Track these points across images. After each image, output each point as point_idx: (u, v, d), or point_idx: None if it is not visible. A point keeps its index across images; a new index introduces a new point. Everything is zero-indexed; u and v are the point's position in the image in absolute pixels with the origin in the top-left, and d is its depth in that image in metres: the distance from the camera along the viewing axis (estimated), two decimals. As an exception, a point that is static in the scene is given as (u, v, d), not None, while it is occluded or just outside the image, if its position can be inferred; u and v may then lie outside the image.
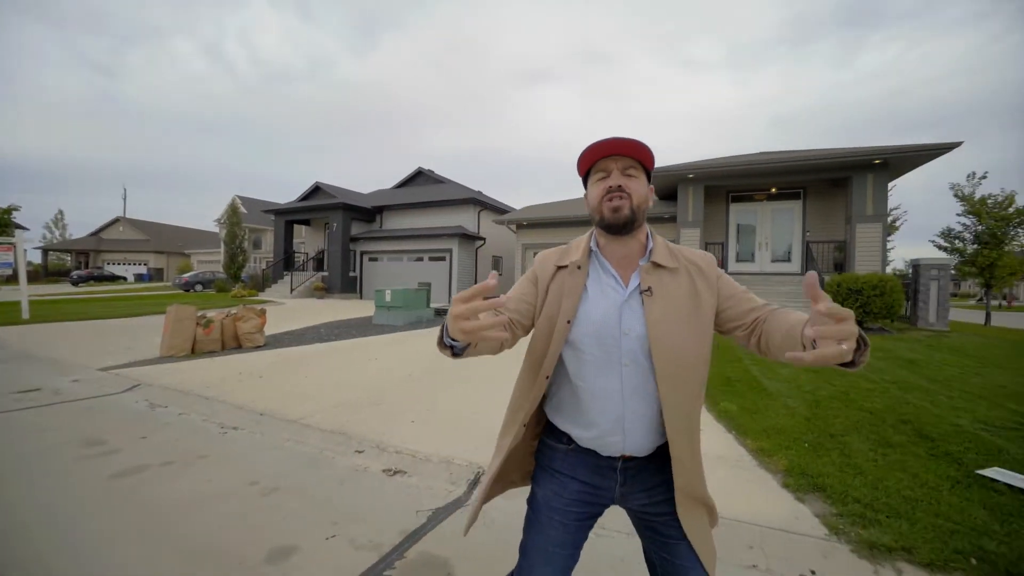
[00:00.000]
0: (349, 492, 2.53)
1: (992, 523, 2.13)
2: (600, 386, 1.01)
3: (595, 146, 1.02)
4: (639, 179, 1.03)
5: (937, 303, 9.50)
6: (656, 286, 1.02)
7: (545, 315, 1.06)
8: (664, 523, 1.05)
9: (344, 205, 19.08)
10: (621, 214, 1.01)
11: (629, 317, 1.00)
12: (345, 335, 8.35)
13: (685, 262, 1.07)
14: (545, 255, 1.14)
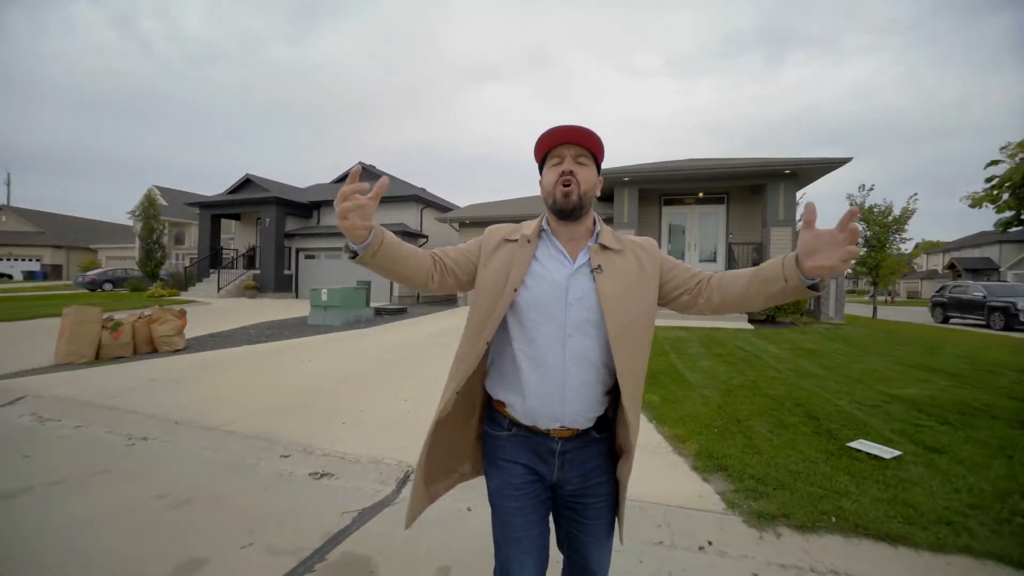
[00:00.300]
0: (271, 498, 2.45)
1: (851, 486, 2.49)
2: (543, 354, 1.05)
3: (552, 132, 1.08)
4: (589, 168, 1.10)
5: (835, 299, 10.73)
6: (605, 264, 1.08)
7: (490, 281, 1.10)
8: (590, 504, 1.13)
9: (278, 199, 18.02)
10: (571, 199, 1.07)
11: (576, 289, 1.06)
12: (277, 336, 7.93)
13: (630, 245, 1.15)
14: (495, 227, 1.20)
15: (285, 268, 18.77)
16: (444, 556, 1.96)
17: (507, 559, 1.11)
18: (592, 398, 1.08)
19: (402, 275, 1.06)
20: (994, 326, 12.43)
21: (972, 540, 2.02)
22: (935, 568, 1.90)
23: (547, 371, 1.05)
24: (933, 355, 6.66)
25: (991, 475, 2.63)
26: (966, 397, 4.27)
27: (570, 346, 1.05)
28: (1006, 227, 2.97)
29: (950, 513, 2.22)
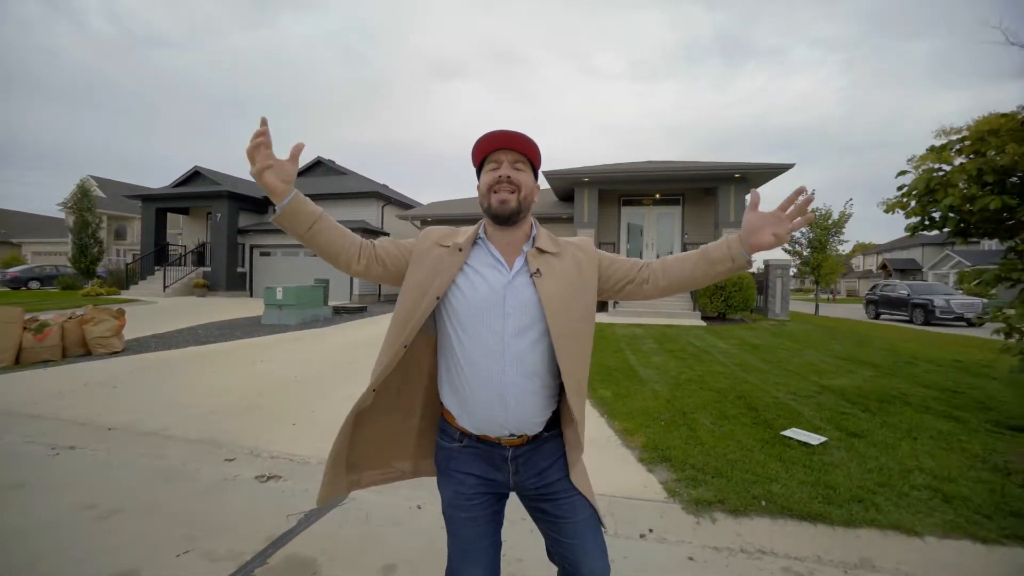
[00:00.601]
0: (213, 504, 2.36)
1: (781, 472, 2.69)
2: (481, 361, 1.04)
3: (488, 137, 1.09)
4: (527, 173, 1.10)
5: (781, 297, 11.40)
6: (544, 268, 1.08)
7: (415, 284, 1.09)
8: (554, 504, 1.12)
9: (230, 193, 17.15)
10: (508, 206, 1.06)
11: (513, 296, 1.05)
12: (228, 336, 7.58)
13: (567, 247, 1.15)
14: (429, 230, 1.19)
15: (238, 265, 17.90)
16: (391, 554, 1.96)
17: (457, 571, 1.10)
18: (535, 404, 1.07)
19: (325, 248, 1.08)
20: (916, 321, 13.61)
21: (878, 514, 2.23)
22: (846, 541, 2.08)
23: (486, 379, 1.04)
24: (862, 348, 7.23)
25: (898, 455, 2.91)
26: (886, 386, 4.67)
27: (509, 354, 1.04)
28: (914, 231, 3.26)
29: (862, 491, 2.45)
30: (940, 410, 3.88)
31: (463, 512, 1.10)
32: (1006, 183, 2.75)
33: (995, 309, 2.99)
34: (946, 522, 2.17)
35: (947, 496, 2.39)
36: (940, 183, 3.02)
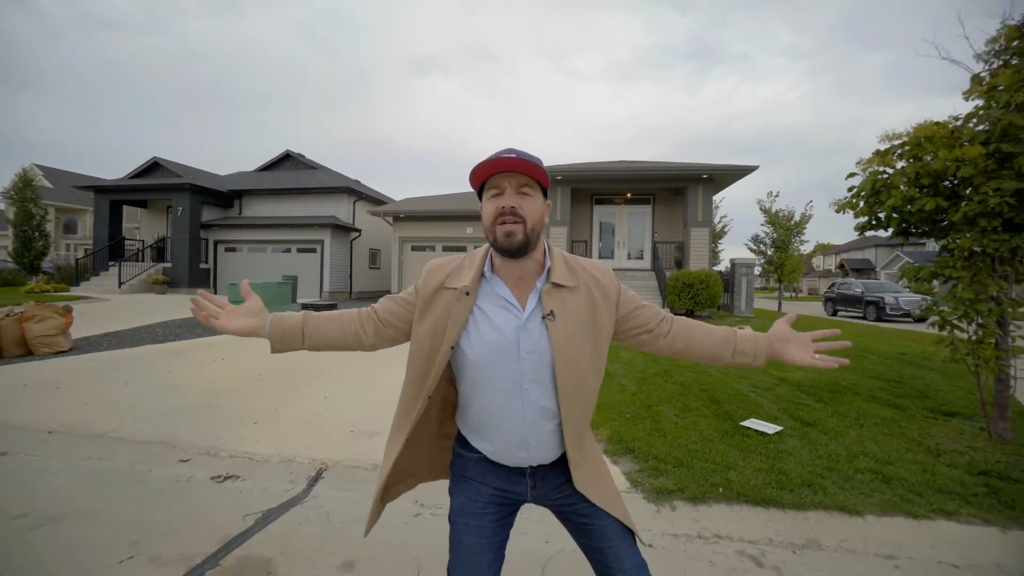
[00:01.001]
0: (163, 506, 2.27)
1: (738, 460, 2.79)
2: (499, 407, 1.02)
3: (488, 163, 0.97)
4: (534, 197, 0.99)
5: (746, 295, 11.82)
6: (558, 308, 1.00)
7: (425, 335, 1.05)
8: (576, 512, 1.09)
9: (193, 186, 16.41)
10: (515, 239, 0.96)
11: (527, 341, 0.99)
12: (189, 334, 7.27)
13: (584, 278, 1.05)
14: (434, 268, 1.10)
15: (202, 261, 17.17)
16: (351, 551, 1.93)
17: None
18: (556, 441, 1.06)
19: (330, 345, 1.10)
20: (868, 317, 14.38)
21: (825, 497, 2.35)
22: (796, 523, 2.19)
23: (508, 423, 1.02)
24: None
25: (846, 441, 3.07)
26: (838, 378, 4.92)
27: (528, 398, 1.01)
28: (862, 230, 3.44)
29: (812, 476, 2.57)
30: (885, 399, 4.13)
31: (472, 520, 1.07)
32: (939, 186, 2.94)
33: (931, 303, 3.19)
34: (884, 501, 2.31)
35: (886, 477, 2.54)
36: (884, 185, 3.20)
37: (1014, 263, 2.83)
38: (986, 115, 2.75)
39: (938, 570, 1.88)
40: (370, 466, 2.69)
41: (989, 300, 2.89)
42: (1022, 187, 2.55)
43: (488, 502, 1.08)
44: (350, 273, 17.58)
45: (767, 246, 17.14)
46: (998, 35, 2.85)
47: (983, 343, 2.96)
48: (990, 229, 2.74)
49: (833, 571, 1.88)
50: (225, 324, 1.05)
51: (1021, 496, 2.34)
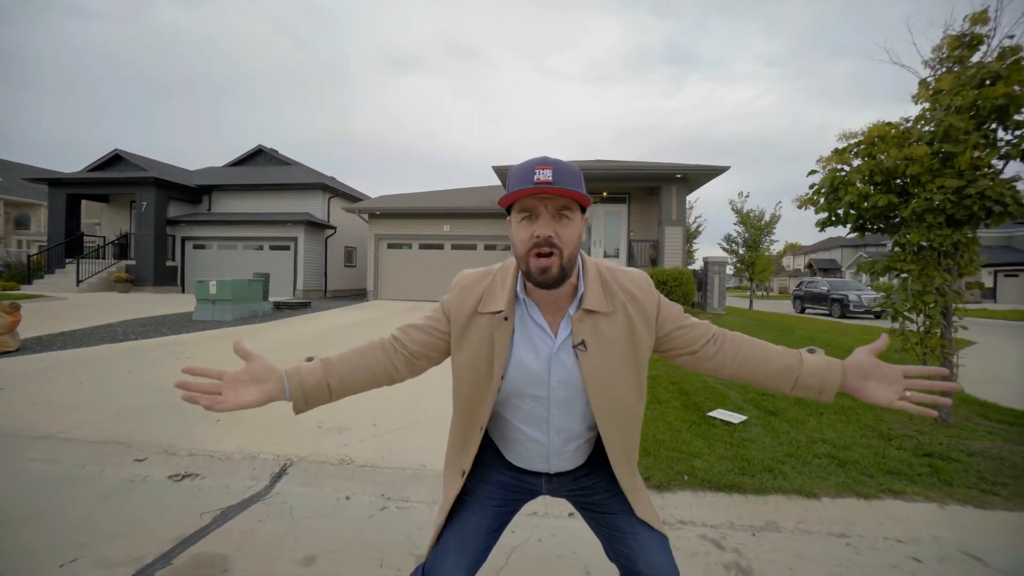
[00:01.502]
0: (115, 507, 2.17)
1: (704, 449, 2.86)
2: (525, 431, 1.02)
3: (523, 180, 0.86)
4: (574, 221, 0.89)
5: (719, 293, 12.12)
6: (591, 337, 0.94)
7: (470, 364, 0.99)
8: (598, 502, 1.07)
9: (158, 180, 15.77)
10: (550, 274, 0.87)
11: (559, 370, 0.96)
12: (153, 333, 6.99)
13: (621, 299, 0.97)
14: (466, 288, 1.02)
15: (168, 259, 16.53)
16: (313, 546, 1.89)
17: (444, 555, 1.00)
18: (579, 454, 1.06)
19: (365, 388, 1.02)
20: (833, 314, 14.99)
21: (784, 481, 2.43)
22: (756, 507, 2.25)
23: (530, 442, 1.03)
24: (785, 337, 7.85)
25: (806, 429, 3.19)
26: (802, 370, 5.10)
27: (554, 423, 1.00)
28: (823, 226, 3.57)
29: (772, 462, 2.65)
30: (844, 389, 4.30)
31: (476, 502, 1.06)
32: (891, 183, 3.09)
33: (885, 297, 3.35)
34: (839, 483, 2.40)
35: (841, 461, 2.65)
36: (842, 182, 3.34)
37: (956, 257, 2.99)
38: (931, 117, 2.90)
39: (884, 545, 1.98)
40: (337, 461, 2.64)
41: (935, 292, 3.05)
42: (962, 185, 2.70)
43: (498, 486, 1.07)
44: (325, 271, 17.23)
45: (739, 245, 17.65)
46: (941, 43, 3.01)
47: (930, 333, 3.12)
48: (935, 225, 2.89)
49: (789, 551, 1.95)
50: (234, 401, 0.90)
51: (958, 474, 2.48)
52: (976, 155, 2.75)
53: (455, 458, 1.09)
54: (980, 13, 2.80)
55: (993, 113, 2.61)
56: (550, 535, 2.06)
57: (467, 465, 1.04)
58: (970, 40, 2.87)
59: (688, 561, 1.86)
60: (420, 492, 2.35)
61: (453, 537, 1.02)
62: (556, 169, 0.85)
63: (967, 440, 2.96)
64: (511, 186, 0.89)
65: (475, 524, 1.03)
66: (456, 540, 1.01)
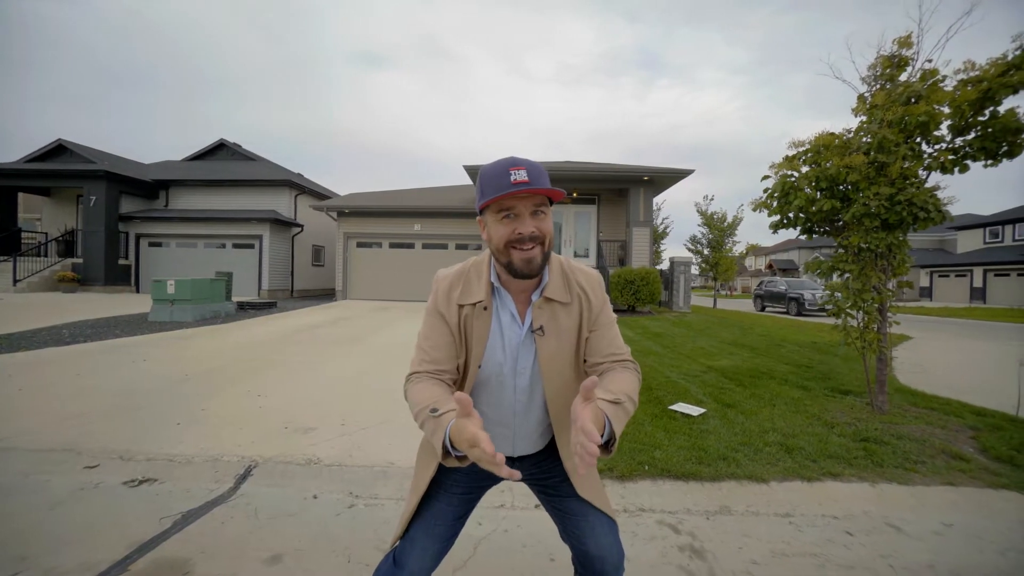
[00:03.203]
0: (63, 516, 2.08)
1: (664, 440, 3.00)
2: (493, 415, 1.07)
3: (501, 180, 0.92)
4: (548, 215, 0.98)
5: (684, 291, 12.55)
6: (548, 323, 1.01)
7: (452, 355, 1.05)
8: (554, 484, 1.12)
9: (109, 174, 14.90)
10: (535, 265, 0.96)
11: (525, 356, 1.03)
12: (104, 335, 6.61)
13: (577, 292, 1.05)
14: (448, 286, 1.06)
15: (121, 257, 15.63)
16: (278, 545, 1.88)
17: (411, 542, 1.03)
18: (540, 436, 1.11)
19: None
20: (791, 312, 15.80)
21: (737, 468, 2.59)
22: (711, 493, 2.39)
23: (498, 427, 1.07)
24: (745, 335, 8.23)
25: (759, 420, 3.39)
26: (758, 365, 5.39)
27: (519, 408, 1.06)
28: (776, 228, 3.80)
29: (727, 451, 2.81)
30: (795, 382, 4.58)
31: (441, 489, 1.08)
32: (835, 189, 3.33)
33: (830, 295, 3.60)
34: (786, 468, 2.58)
35: (789, 448, 2.84)
36: (792, 187, 3.56)
37: (890, 258, 3.25)
38: (868, 129, 3.14)
39: (822, 522, 2.15)
40: (304, 461, 2.61)
41: (872, 290, 3.30)
42: (894, 192, 2.95)
43: (464, 474, 1.10)
44: (291, 270, 16.74)
45: (703, 246, 18.32)
46: (876, 62, 3.27)
47: (868, 328, 3.38)
48: (872, 228, 3.13)
49: (739, 532, 2.08)
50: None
51: (887, 455, 2.72)
52: (905, 165, 3.01)
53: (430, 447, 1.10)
54: (906, 37, 3.07)
55: (917, 128, 2.87)
56: (516, 526, 2.12)
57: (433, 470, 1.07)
58: (898, 61, 3.13)
59: (647, 545, 1.97)
60: (389, 489, 2.37)
61: (421, 524, 1.05)
62: (529, 169, 0.92)
63: (897, 425, 3.24)
64: (488, 187, 0.94)
65: (442, 511, 1.07)
66: (423, 527, 1.05)
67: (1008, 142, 2.73)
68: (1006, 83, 2.60)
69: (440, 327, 1.04)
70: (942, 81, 2.98)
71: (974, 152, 2.91)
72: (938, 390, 4.35)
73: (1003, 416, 3.49)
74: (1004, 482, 2.46)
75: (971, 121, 2.85)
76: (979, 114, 2.80)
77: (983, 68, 2.73)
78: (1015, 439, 2.96)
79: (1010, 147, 2.73)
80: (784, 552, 1.92)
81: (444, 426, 0.84)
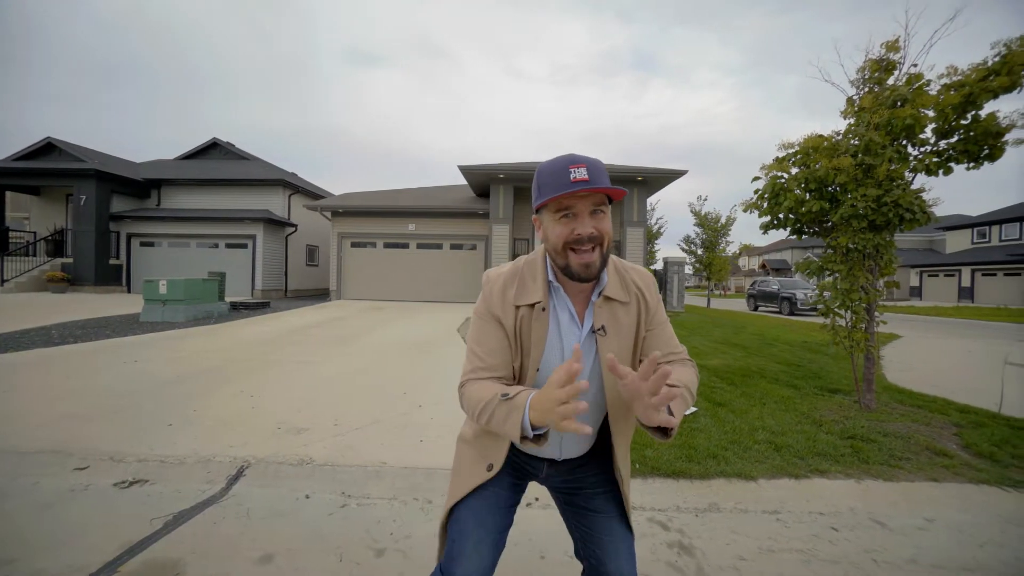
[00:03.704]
0: (51, 519, 2.07)
1: (643, 436, 3.03)
2: None
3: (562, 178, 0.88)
4: (607, 215, 0.94)
5: (677, 290, 12.63)
6: (609, 323, 0.98)
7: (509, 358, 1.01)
8: (585, 496, 1.07)
9: (99, 173, 14.75)
10: (593, 268, 0.92)
11: (584, 357, 0.97)
12: (94, 336, 6.56)
13: (635, 291, 1.03)
14: (499, 289, 1.01)
15: (111, 257, 15.48)
16: (269, 545, 1.89)
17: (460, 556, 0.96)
18: (586, 442, 1.07)
19: None
20: (784, 311, 15.93)
21: (727, 466, 2.63)
22: (700, 491, 2.43)
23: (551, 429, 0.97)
24: (737, 334, 8.30)
25: (749, 418, 3.43)
26: (750, 364, 5.44)
27: None
28: (766, 229, 3.84)
29: (717, 449, 2.85)
30: (785, 380, 4.63)
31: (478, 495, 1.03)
32: (823, 191, 3.38)
33: (819, 294, 3.65)
34: (774, 467, 2.62)
35: (778, 446, 2.88)
36: (782, 188, 3.61)
37: (877, 258, 3.31)
38: (855, 132, 3.19)
39: (809, 519, 2.19)
40: (296, 461, 2.62)
41: (860, 290, 3.36)
42: (880, 194, 3.00)
43: (508, 463, 1.06)
44: (285, 270, 16.65)
45: (697, 246, 18.44)
46: (864, 65, 3.32)
47: (856, 327, 3.43)
48: (859, 229, 3.19)
49: (727, 528, 2.12)
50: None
51: (873, 452, 2.78)
52: (892, 167, 3.06)
53: (483, 451, 1.05)
54: (893, 41, 3.13)
55: (903, 131, 2.93)
56: (508, 524, 2.14)
57: (499, 460, 1.02)
58: (886, 64, 3.19)
59: (636, 543, 1.99)
60: (381, 488, 2.38)
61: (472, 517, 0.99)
62: (590, 167, 0.88)
63: (884, 422, 3.30)
64: (546, 185, 0.91)
65: (494, 498, 1.03)
66: (475, 519, 0.99)
67: (989, 145, 2.79)
68: (987, 88, 2.66)
69: (494, 331, 0.99)
70: (927, 85, 3.04)
71: (957, 155, 2.97)
72: (925, 388, 4.43)
73: (986, 413, 3.57)
74: (984, 477, 2.52)
75: (954, 124, 2.91)
76: (962, 118, 2.86)
77: (965, 73, 2.79)
78: (996, 435, 3.03)
79: (991, 150, 2.79)
80: (771, 548, 1.95)
81: (522, 404, 0.81)
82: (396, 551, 1.87)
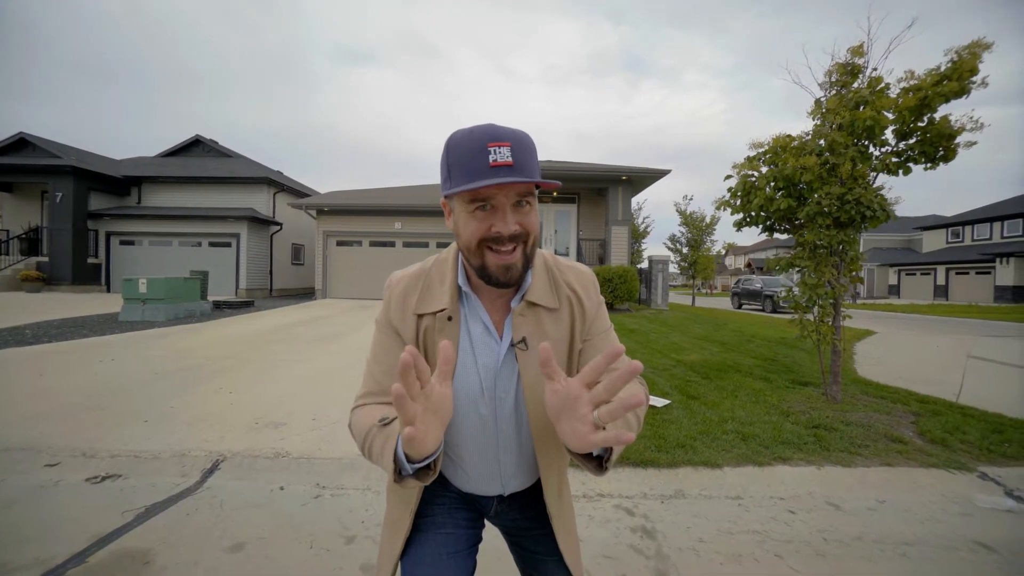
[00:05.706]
0: (19, 514, 2.06)
1: (628, 429, 3.11)
2: (474, 448, 0.85)
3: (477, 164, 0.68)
4: (534, 206, 0.75)
5: (661, 289, 12.80)
6: (532, 334, 0.80)
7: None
8: (532, 539, 0.94)
9: (76, 169, 14.43)
10: (514, 271, 0.74)
11: (506, 377, 0.81)
12: (71, 335, 6.44)
13: (567, 294, 0.84)
14: (398, 295, 0.84)
15: (90, 255, 15.15)
16: (240, 534, 1.92)
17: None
18: (531, 471, 0.90)
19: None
20: (766, 309, 16.24)
21: (694, 455, 2.71)
22: (667, 478, 2.51)
23: (482, 463, 0.86)
24: (718, 331, 8.47)
25: (720, 410, 3.53)
26: (726, 359, 5.57)
27: (502, 438, 0.84)
28: (739, 226, 3.95)
29: (686, 439, 2.94)
30: (759, 374, 4.76)
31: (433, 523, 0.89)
32: (791, 189, 3.49)
33: (788, 290, 3.77)
34: (740, 455, 2.72)
35: (745, 436, 2.98)
36: (752, 187, 3.71)
37: (842, 254, 3.43)
38: (820, 132, 3.31)
39: (768, 503, 2.28)
40: (272, 454, 2.64)
41: (826, 285, 3.48)
42: (843, 192, 3.11)
43: (454, 507, 0.92)
44: (270, 269, 16.47)
45: (682, 245, 18.70)
46: (831, 69, 3.44)
47: (822, 321, 3.55)
48: (824, 226, 3.30)
49: (690, 513, 2.20)
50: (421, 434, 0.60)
51: (835, 441, 2.89)
52: (856, 167, 3.18)
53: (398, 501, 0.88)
54: (858, 46, 3.25)
55: (864, 132, 3.05)
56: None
57: (414, 503, 0.86)
58: (851, 68, 3.31)
59: (601, 528, 2.06)
60: (356, 479, 2.42)
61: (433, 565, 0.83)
62: (515, 147, 0.69)
63: (848, 413, 3.42)
64: (458, 167, 0.70)
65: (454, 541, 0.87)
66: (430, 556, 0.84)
67: (943, 147, 2.92)
68: (940, 92, 2.79)
69: (393, 345, 0.83)
70: (887, 89, 3.17)
71: (915, 155, 3.10)
72: (891, 380, 4.59)
73: (944, 403, 3.72)
74: (934, 461, 2.65)
75: (912, 127, 3.04)
76: (919, 120, 2.99)
77: (921, 78, 2.92)
78: (950, 423, 3.18)
79: (945, 151, 2.93)
80: (729, 531, 2.04)
81: (395, 432, 0.66)
82: (366, 538, 1.91)
